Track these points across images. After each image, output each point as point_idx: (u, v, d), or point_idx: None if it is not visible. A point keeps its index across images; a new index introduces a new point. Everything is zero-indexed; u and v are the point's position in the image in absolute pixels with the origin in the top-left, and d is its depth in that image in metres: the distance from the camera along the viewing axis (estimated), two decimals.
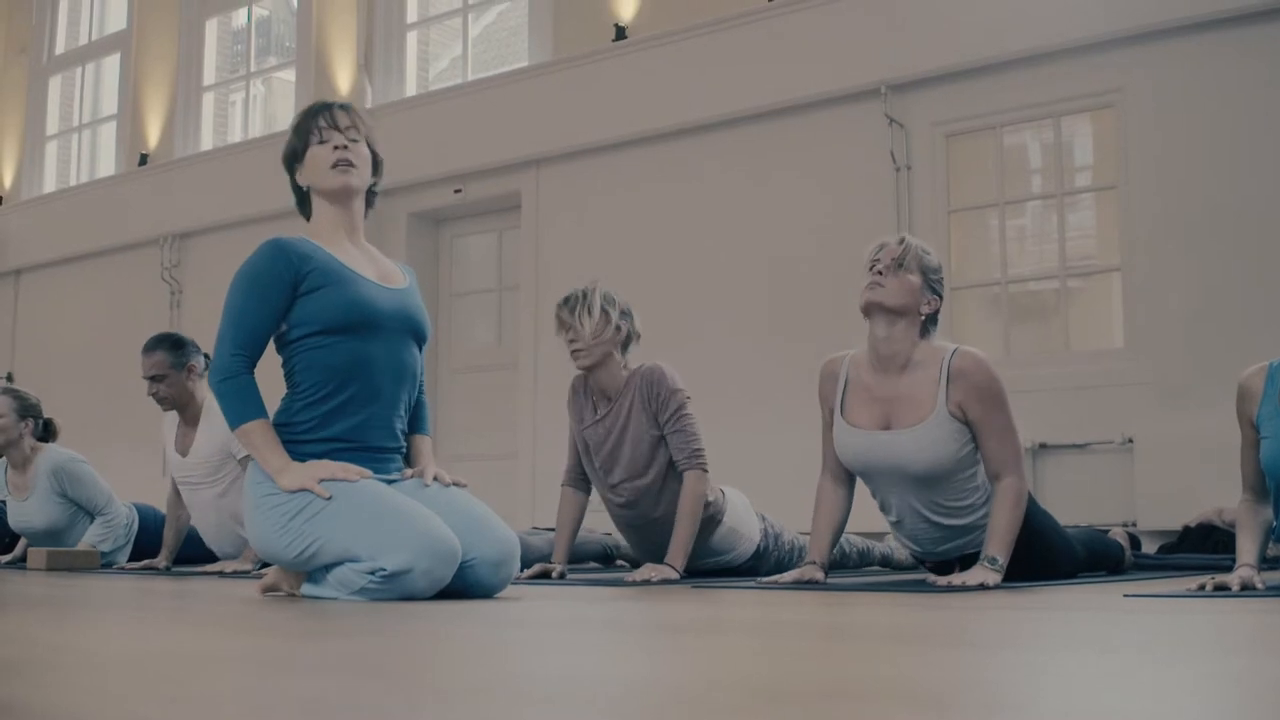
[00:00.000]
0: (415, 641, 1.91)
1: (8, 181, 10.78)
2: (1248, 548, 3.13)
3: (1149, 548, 5.08)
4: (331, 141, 3.16)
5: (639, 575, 3.84)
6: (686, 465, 4.05)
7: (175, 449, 4.92)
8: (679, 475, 4.07)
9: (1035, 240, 6.25)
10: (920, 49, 6.19)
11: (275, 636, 2.02)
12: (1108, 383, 5.69)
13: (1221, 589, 2.93)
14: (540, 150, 7.44)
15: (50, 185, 10.67)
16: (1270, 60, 5.48)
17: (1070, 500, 5.50)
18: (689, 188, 6.92)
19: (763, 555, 4.31)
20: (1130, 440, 5.55)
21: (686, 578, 4.00)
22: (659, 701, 1.21)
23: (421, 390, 3.26)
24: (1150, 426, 5.51)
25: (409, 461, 3.22)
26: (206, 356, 4.90)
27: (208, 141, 9.56)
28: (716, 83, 6.78)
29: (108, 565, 5.17)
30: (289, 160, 3.23)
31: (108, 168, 10.25)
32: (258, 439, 2.99)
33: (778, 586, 3.47)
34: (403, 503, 2.92)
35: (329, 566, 2.92)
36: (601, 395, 4.19)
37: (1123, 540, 4.44)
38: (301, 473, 2.94)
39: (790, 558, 4.32)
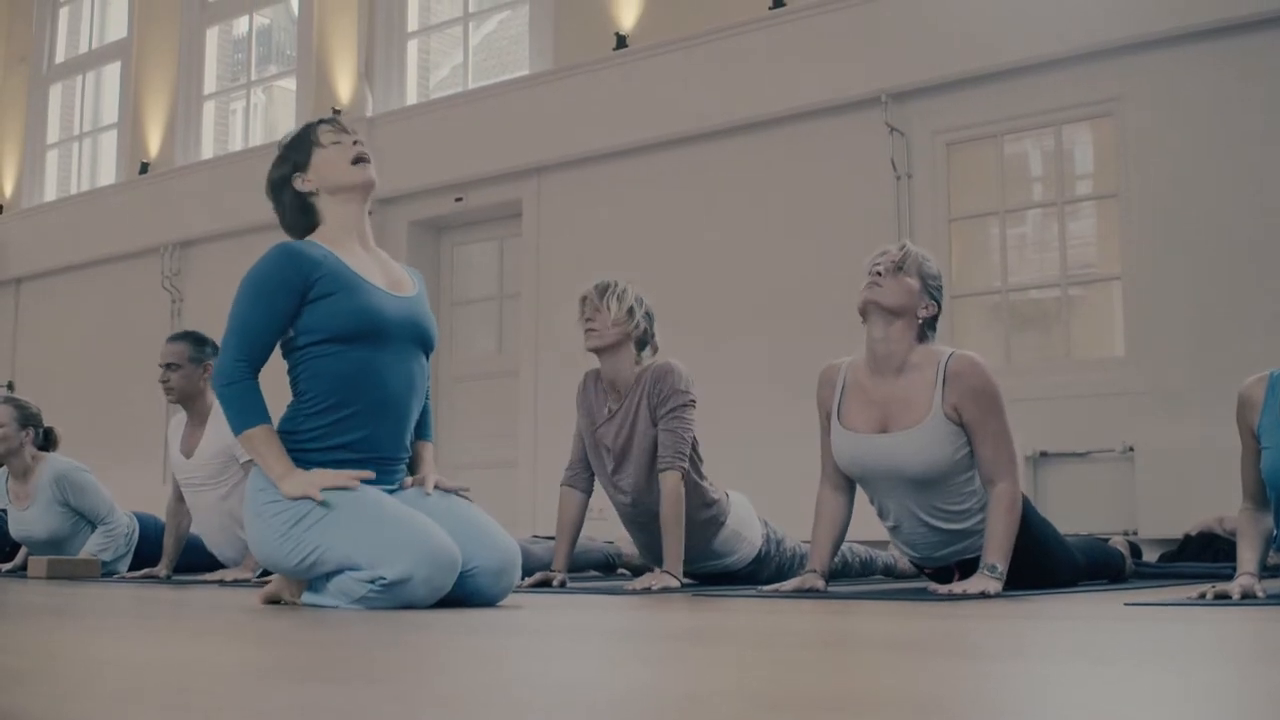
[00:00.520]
0: (415, 650, 1.90)
1: (8, 190, 10.78)
2: (1248, 556, 3.12)
3: (1150, 556, 5.07)
4: (344, 141, 3.17)
5: (639, 584, 3.82)
6: (666, 465, 3.99)
7: (180, 450, 4.92)
8: (683, 477, 4.04)
9: (1036, 248, 6.25)
10: (921, 57, 6.19)
11: (276, 645, 2.01)
12: (1108, 391, 5.69)
13: (1222, 597, 2.93)
14: (541, 158, 7.44)
15: (51, 194, 10.67)
16: (1270, 69, 5.48)
17: (1071, 509, 5.49)
18: (690, 196, 6.92)
19: (764, 560, 4.30)
20: (1131, 449, 5.54)
21: (687, 584, 3.99)
22: (659, 710, 1.21)
23: (427, 395, 3.25)
24: (1151, 435, 5.50)
25: (411, 468, 3.21)
26: None
27: (208, 150, 9.56)
28: (717, 91, 6.78)
29: (108, 574, 5.17)
30: (282, 179, 3.20)
31: (108, 176, 10.25)
32: (260, 445, 2.98)
33: (778, 595, 3.47)
34: (403, 511, 2.92)
35: (329, 575, 2.92)
36: (612, 390, 4.16)
37: (1123, 549, 4.43)
38: (303, 480, 2.93)
39: (791, 564, 4.31)
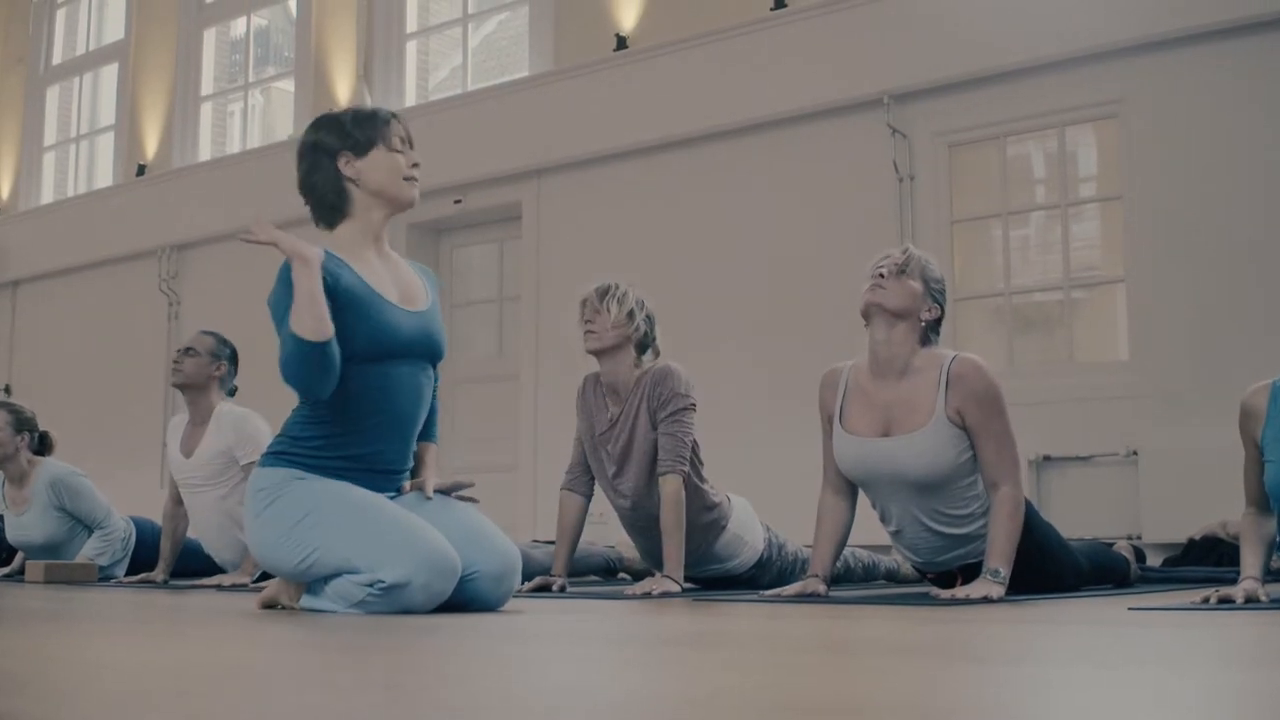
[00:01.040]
0: (415, 655, 1.90)
1: (5, 192, 10.76)
2: (1252, 560, 3.12)
3: (1153, 560, 5.06)
4: (408, 156, 3.12)
5: (639, 588, 3.82)
6: (667, 468, 3.96)
7: (180, 450, 4.92)
8: (684, 480, 4.02)
9: (1039, 251, 6.23)
10: (923, 59, 6.17)
11: (273, 650, 2.01)
12: (1112, 395, 5.67)
13: (1226, 602, 2.93)
14: (541, 160, 7.43)
15: (48, 196, 10.66)
16: (1275, 71, 5.47)
17: (1074, 513, 5.47)
18: (691, 198, 6.90)
19: (765, 565, 4.28)
20: (1134, 453, 5.52)
21: (688, 588, 3.98)
22: (659, 716, 1.20)
23: (434, 396, 3.23)
24: (1154, 439, 5.48)
25: (414, 470, 3.19)
26: (235, 387, 4.97)
27: (206, 152, 9.54)
28: (718, 92, 6.77)
29: (105, 579, 5.15)
30: (329, 152, 3.08)
31: (105, 178, 10.24)
32: (292, 309, 2.87)
33: (779, 599, 3.47)
34: (403, 516, 2.91)
35: (328, 578, 2.90)
36: (612, 393, 4.14)
37: (1128, 554, 4.42)
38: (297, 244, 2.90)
39: (793, 569, 4.30)
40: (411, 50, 8.55)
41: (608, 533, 5.06)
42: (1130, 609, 2.94)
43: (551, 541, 4.56)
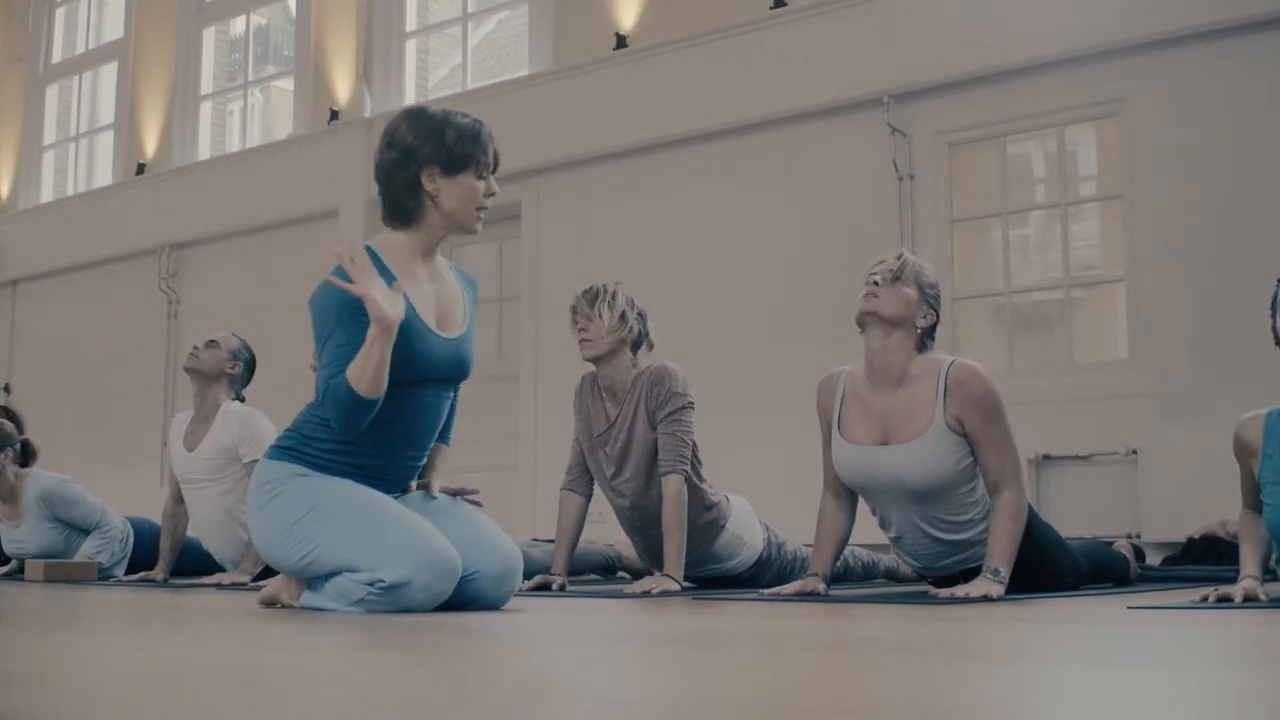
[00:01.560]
0: (415, 654, 1.90)
1: (4, 191, 10.75)
2: (1251, 559, 3.13)
3: (1153, 559, 5.06)
4: (488, 189, 3.06)
5: (639, 587, 3.82)
6: (669, 468, 3.97)
7: (183, 445, 4.92)
8: (685, 480, 4.02)
9: (1039, 250, 6.23)
10: (923, 58, 6.17)
11: (272, 649, 2.01)
12: (1111, 394, 5.67)
13: (1225, 601, 2.95)
14: (541, 160, 7.42)
15: (47, 195, 10.65)
16: (1274, 70, 5.46)
17: (1074, 512, 5.47)
18: (690, 197, 6.89)
19: (765, 564, 4.28)
20: (1134, 452, 5.52)
21: (687, 588, 3.97)
22: (659, 715, 1.20)
23: (455, 400, 3.22)
24: (1154, 438, 5.48)
25: (422, 469, 3.20)
26: (243, 396, 4.97)
27: (205, 151, 9.53)
28: (718, 92, 6.76)
29: (105, 578, 5.15)
30: (417, 161, 2.98)
31: (105, 177, 10.22)
32: (356, 363, 2.84)
33: (779, 598, 3.47)
34: (405, 515, 2.92)
35: (329, 576, 2.90)
36: (610, 394, 4.14)
37: (1127, 553, 4.42)
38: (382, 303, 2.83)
39: (793, 568, 4.30)
40: (411, 49, 8.53)
41: (607, 531, 5.05)
42: (1129, 608, 2.95)
43: (551, 540, 4.56)
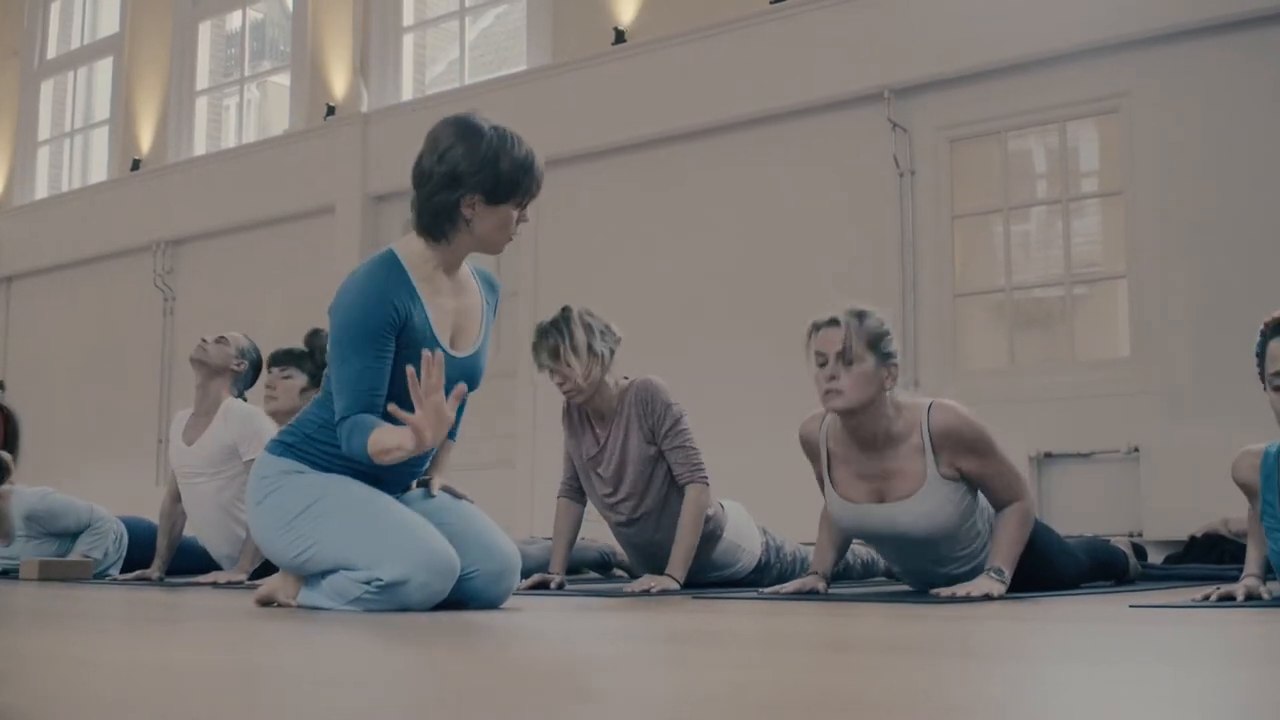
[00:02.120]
0: (413, 653, 1.90)
1: None
2: (1255, 557, 3.13)
3: (1155, 558, 5.04)
4: (521, 216, 3.03)
5: (638, 585, 3.81)
6: (689, 479, 4.01)
7: (182, 439, 4.91)
8: (679, 494, 4.03)
9: (1040, 246, 6.22)
10: (924, 53, 6.15)
11: (268, 648, 2.01)
12: (1113, 391, 5.65)
13: (1227, 599, 2.95)
14: (538, 155, 7.37)
15: (42, 191, 10.62)
16: (1277, 65, 5.44)
17: (1075, 510, 5.47)
18: (689, 193, 6.87)
19: (765, 569, 4.27)
20: (1136, 449, 5.50)
21: (687, 588, 3.95)
22: (659, 714, 1.20)
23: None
24: (1156, 436, 5.46)
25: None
26: (245, 395, 4.96)
27: (201, 146, 9.51)
28: (717, 87, 6.74)
29: (100, 576, 5.12)
30: (461, 186, 2.93)
31: (100, 173, 10.20)
32: (382, 438, 2.82)
33: (779, 597, 3.47)
34: (403, 514, 2.92)
35: (325, 573, 2.90)
36: (597, 417, 4.13)
37: (1126, 549, 4.41)
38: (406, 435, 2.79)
39: (793, 570, 4.29)
40: (408, 44, 8.51)
41: (605, 530, 5.04)
42: (1131, 606, 2.96)
43: (548, 538, 4.55)
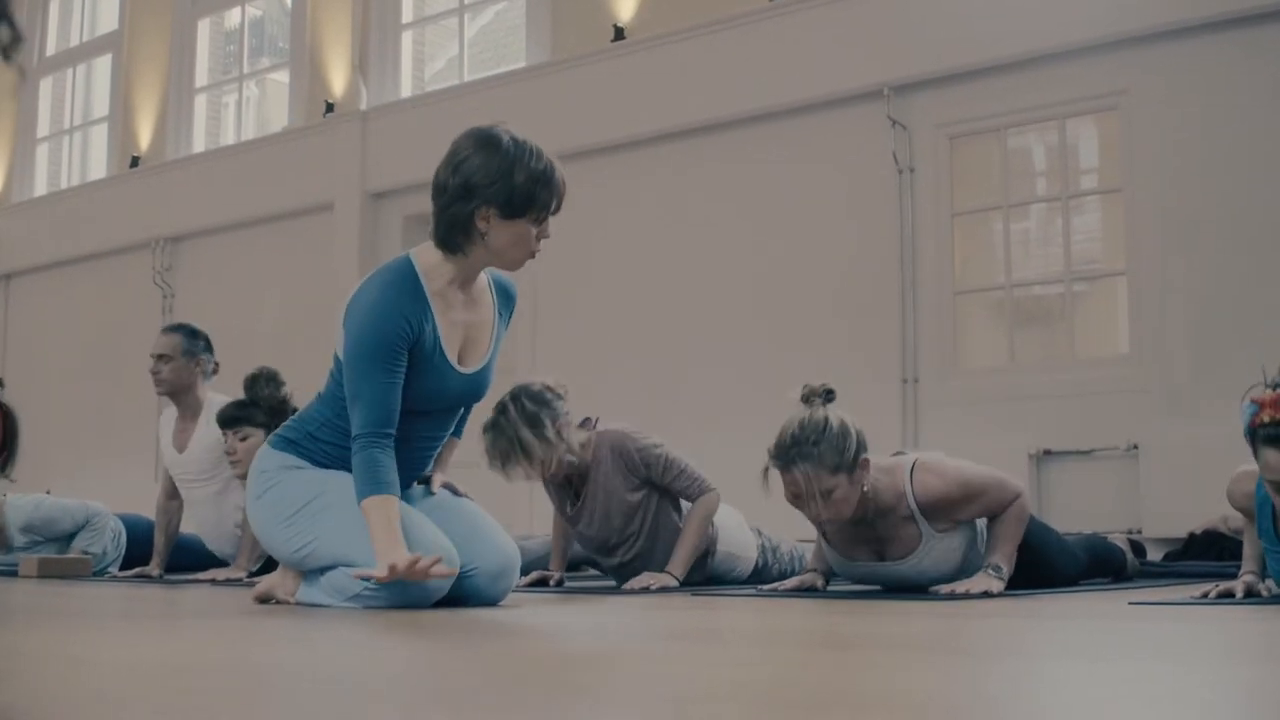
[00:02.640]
0: (412, 650, 1.91)
1: None
2: (1252, 554, 3.13)
3: (1154, 555, 5.03)
4: (542, 233, 2.99)
5: (637, 583, 3.81)
6: (697, 494, 3.98)
7: (173, 445, 4.89)
8: (669, 520, 3.99)
9: (1040, 244, 6.21)
10: (923, 50, 6.14)
11: (268, 645, 2.01)
12: (1113, 389, 5.65)
13: (1226, 596, 2.96)
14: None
15: (41, 188, 10.60)
16: (1276, 62, 5.43)
17: (1075, 507, 5.46)
18: (688, 190, 6.87)
19: (763, 572, 4.28)
20: (1135, 447, 5.49)
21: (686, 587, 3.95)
22: (658, 710, 1.20)
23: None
24: (1156, 433, 5.45)
25: None
26: (216, 363, 4.93)
27: (200, 144, 9.49)
28: (717, 84, 6.73)
29: (99, 573, 5.12)
30: (476, 199, 2.88)
31: (99, 170, 10.18)
32: (374, 513, 2.80)
33: (777, 594, 3.46)
34: (403, 512, 2.89)
35: (324, 570, 2.90)
36: (577, 477, 4.01)
37: (1123, 545, 4.43)
38: (397, 557, 2.72)
39: (791, 568, 4.29)
40: (407, 41, 8.49)
41: None
42: (1130, 603, 2.97)
43: (548, 534, 4.54)
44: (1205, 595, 2.98)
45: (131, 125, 9.68)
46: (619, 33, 7.24)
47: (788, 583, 3.57)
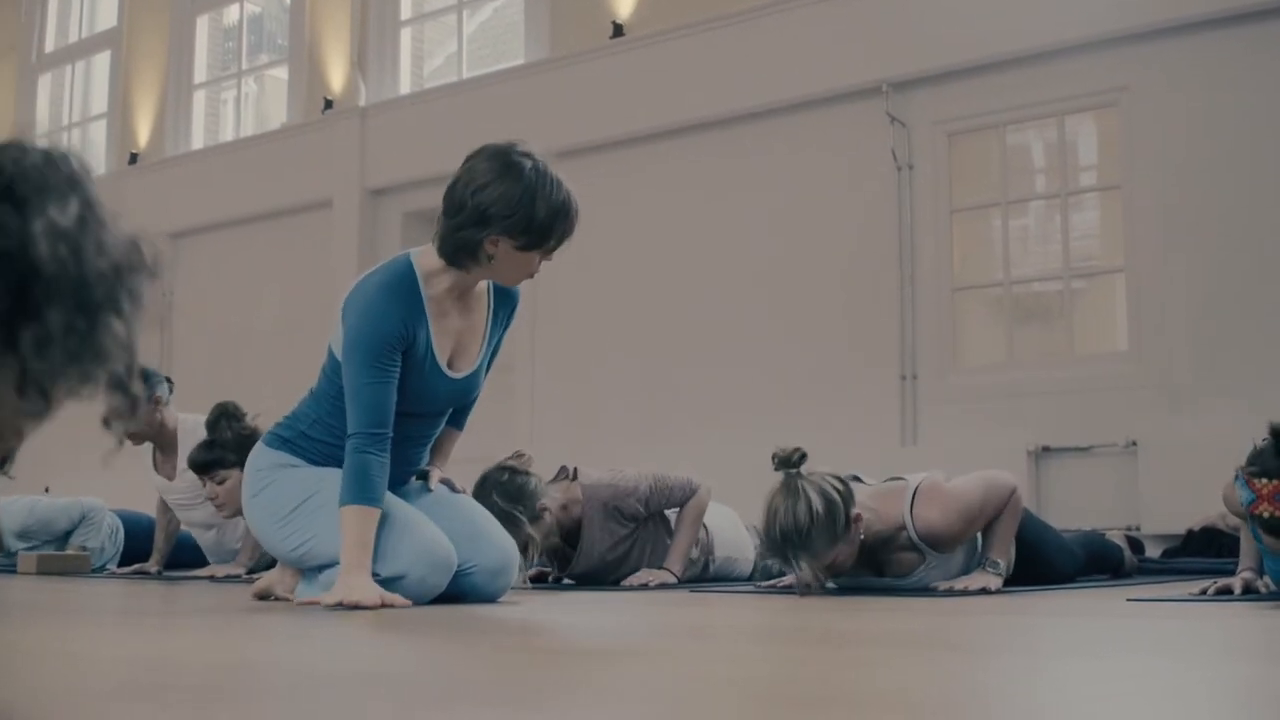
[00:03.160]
0: (410, 648, 1.90)
1: None
2: (1250, 550, 3.12)
3: (1153, 551, 5.04)
4: (541, 260, 2.99)
5: (637, 580, 3.82)
6: (688, 498, 4.02)
7: (159, 474, 4.90)
8: (661, 532, 4.02)
9: (1038, 241, 6.21)
10: (922, 46, 6.14)
11: (266, 642, 2.01)
12: (1111, 385, 5.64)
13: (1224, 593, 2.97)
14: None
15: None
16: (1276, 59, 5.43)
17: (1073, 504, 5.46)
18: (688, 187, 6.86)
19: (761, 572, 4.26)
20: (1134, 443, 5.49)
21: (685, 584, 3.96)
22: (657, 707, 1.20)
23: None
24: (1154, 429, 5.45)
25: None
26: (170, 381, 4.88)
27: (199, 140, 9.48)
28: (715, 80, 6.72)
29: (98, 570, 5.12)
30: (489, 226, 2.85)
31: (98, 167, 10.15)
32: (352, 522, 2.79)
33: (776, 591, 3.45)
34: (401, 510, 2.91)
35: (323, 567, 2.90)
36: (564, 537, 4.03)
37: (1121, 542, 4.43)
38: (359, 587, 2.70)
39: None
40: (406, 37, 8.48)
41: None
42: (1129, 600, 2.98)
43: None
44: (1203, 592, 2.98)
45: (130, 122, 9.67)
46: (618, 29, 7.23)
47: (786, 580, 3.57)
